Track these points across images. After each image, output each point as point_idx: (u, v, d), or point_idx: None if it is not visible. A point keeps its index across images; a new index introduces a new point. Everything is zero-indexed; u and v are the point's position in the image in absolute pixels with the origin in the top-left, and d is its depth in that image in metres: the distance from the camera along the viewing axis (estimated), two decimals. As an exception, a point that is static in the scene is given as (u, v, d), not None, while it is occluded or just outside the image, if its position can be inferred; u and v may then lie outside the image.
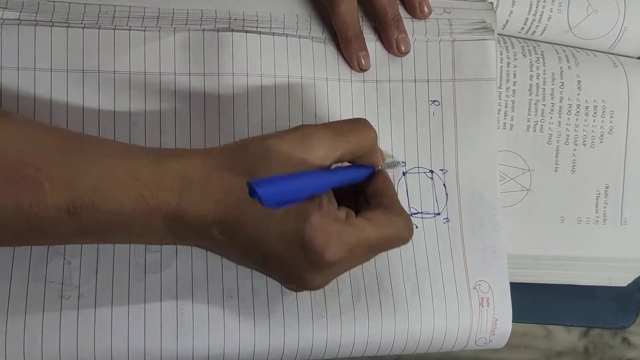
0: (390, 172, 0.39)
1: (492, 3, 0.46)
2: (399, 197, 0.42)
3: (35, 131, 0.33)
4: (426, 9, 0.44)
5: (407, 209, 0.43)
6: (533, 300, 0.48)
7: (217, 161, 0.33)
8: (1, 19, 0.39)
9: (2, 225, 0.31)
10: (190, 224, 0.32)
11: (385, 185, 0.36)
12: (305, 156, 0.32)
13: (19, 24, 0.39)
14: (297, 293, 0.40)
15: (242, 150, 0.33)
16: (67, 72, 0.39)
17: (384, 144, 0.43)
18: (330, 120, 0.42)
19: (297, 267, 0.32)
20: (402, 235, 0.34)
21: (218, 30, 0.41)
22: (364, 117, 0.36)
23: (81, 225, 0.32)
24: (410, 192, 0.43)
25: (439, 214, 0.43)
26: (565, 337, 0.52)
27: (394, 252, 0.42)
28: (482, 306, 0.42)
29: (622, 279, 0.47)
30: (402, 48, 0.43)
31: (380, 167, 0.37)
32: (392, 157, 0.43)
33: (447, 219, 0.43)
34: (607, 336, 0.52)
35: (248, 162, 0.32)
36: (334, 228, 0.31)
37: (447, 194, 0.43)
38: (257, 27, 0.42)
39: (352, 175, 0.36)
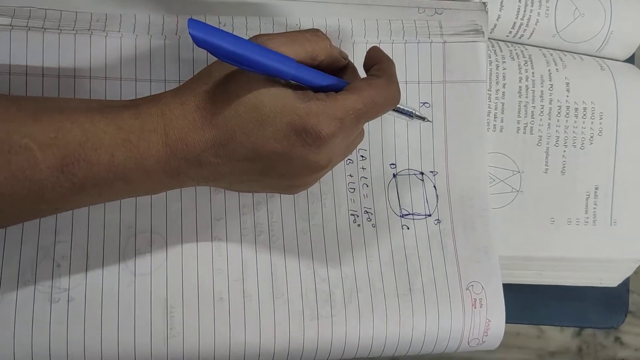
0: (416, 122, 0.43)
1: (484, 3, 0.46)
2: (390, 200, 0.43)
3: (8, 101, 0.33)
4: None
5: (398, 211, 0.43)
6: (524, 301, 0.48)
7: (190, 92, 0.34)
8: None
9: (1, 196, 0.31)
10: (185, 156, 0.33)
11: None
12: None
13: (10, 29, 0.39)
14: (288, 293, 0.40)
15: (207, 75, 0.34)
16: (59, 77, 0.39)
17: (375, 143, 0.43)
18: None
19: (300, 156, 0.34)
20: (387, 95, 0.35)
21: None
22: (316, 28, 0.38)
23: (77, 182, 0.32)
24: (400, 193, 0.43)
25: (430, 215, 0.43)
26: (558, 337, 0.52)
27: (385, 254, 0.42)
28: (475, 307, 0.42)
29: (612, 280, 0.47)
30: None
31: (414, 111, 0.39)
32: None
33: (438, 220, 0.43)
34: (600, 336, 0.52)
35: (216, 82, 0.34)
36: (319, 107, 0.33)
37: (437, 195, 0.43)
38: (246, 33, 0.42)
39: (320, 78, 0.35)
